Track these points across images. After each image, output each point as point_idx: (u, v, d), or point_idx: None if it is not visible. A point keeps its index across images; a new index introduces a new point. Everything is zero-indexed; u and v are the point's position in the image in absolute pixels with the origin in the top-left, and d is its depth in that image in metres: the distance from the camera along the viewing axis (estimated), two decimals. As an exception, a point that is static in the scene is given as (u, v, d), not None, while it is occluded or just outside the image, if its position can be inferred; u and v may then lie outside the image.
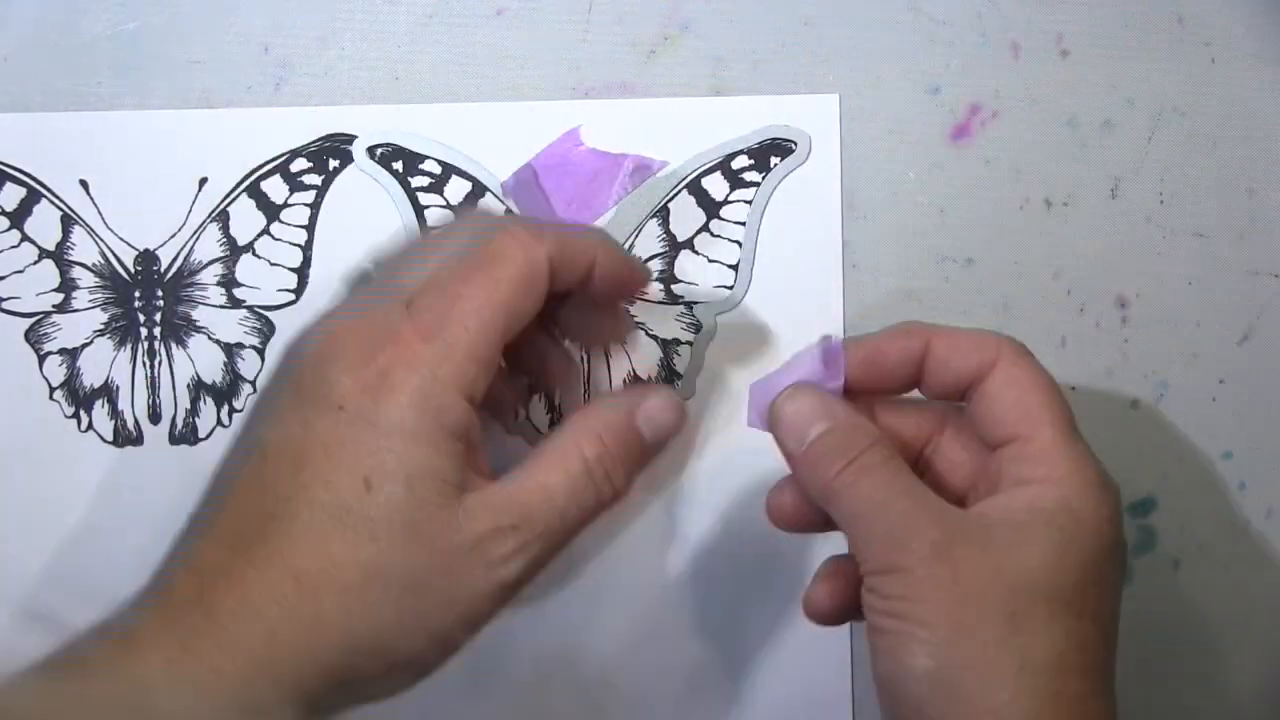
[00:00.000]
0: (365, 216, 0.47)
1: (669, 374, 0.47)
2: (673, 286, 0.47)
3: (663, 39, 0.47)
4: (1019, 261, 0.47)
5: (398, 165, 0.47)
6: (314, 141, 0.47)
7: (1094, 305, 0.47)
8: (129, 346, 0.47)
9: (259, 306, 0.47)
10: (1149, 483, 0.48)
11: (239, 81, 0.46)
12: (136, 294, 0.47)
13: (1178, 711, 0.48)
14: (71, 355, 0.47)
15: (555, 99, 0.47)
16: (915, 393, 0.41)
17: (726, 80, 0.47)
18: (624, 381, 0.47)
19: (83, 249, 0.47)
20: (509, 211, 0.47)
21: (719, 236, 0.47)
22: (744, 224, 0.47)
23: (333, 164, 0.47)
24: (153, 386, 0.47)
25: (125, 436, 0.47)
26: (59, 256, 0.47)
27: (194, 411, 0.47)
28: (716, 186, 0.47)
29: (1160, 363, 0.48)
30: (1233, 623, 0.48)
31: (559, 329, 0.44)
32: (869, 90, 0.47)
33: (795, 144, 0.47)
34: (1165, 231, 0.47)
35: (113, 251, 0.47)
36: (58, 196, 0.47)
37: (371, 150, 0.47)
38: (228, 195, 0.47)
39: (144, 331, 0.47)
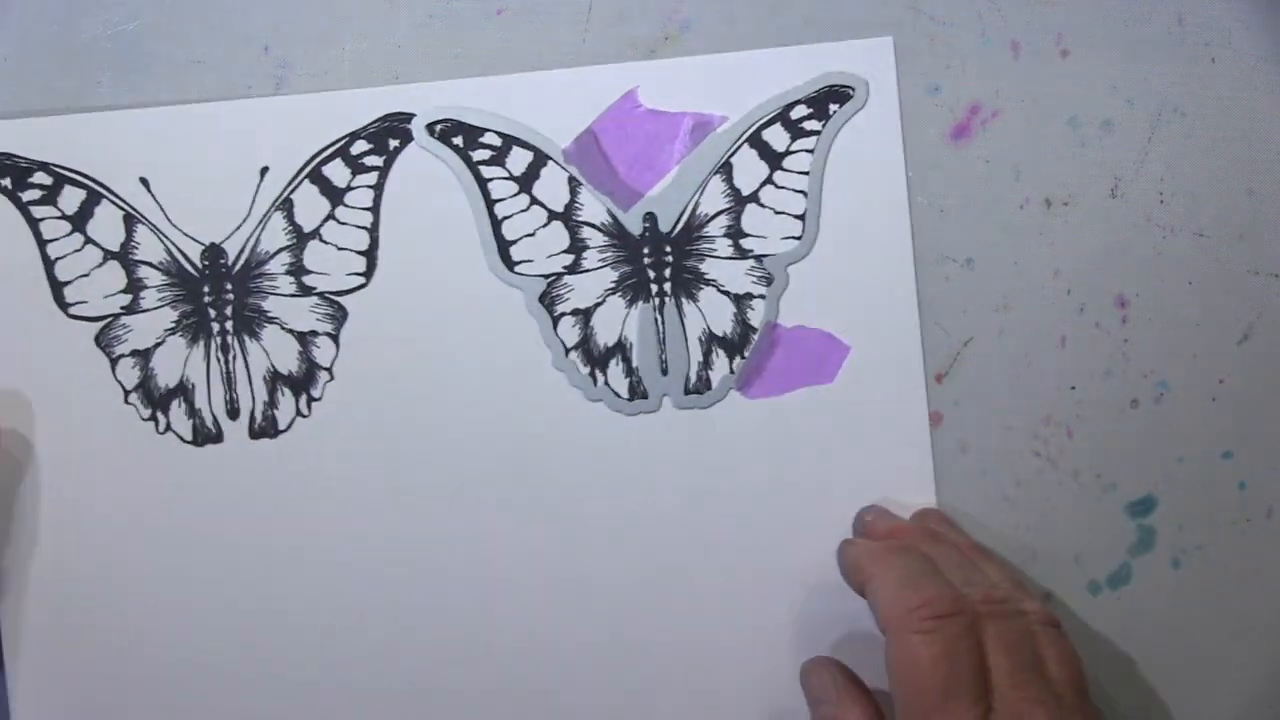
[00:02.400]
0: (429, 194, 0.46)
1: (744, 329, 0.47)
2: (741, 241, 0.47)
3: (663, 39, 0.47)
4: (1019, 261, 0.47)
5: (458, 140, 0.47)
6: (373, 122, 0.47)
7: (1094, 305, 0.47)
8: (201, 343, 0.46)
9: (330, 292, 0.47)
10: (1149, 483, 0.48)
11: (239, 81, 0.47)
12: (206, 289, 0.46)
13: (1177, 711, 0.48)
14: (144, 356, 0.46)
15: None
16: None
17: (726, 80, 0.47)
18: (699, 340, 0.47)
19: (148, 248, 0.46)
20: (571, 178, 0.46)
21: (783, 188, 0.47)
22: (808, 173, 0.47)
23: (393, 143, 0.47)
24: (228, 381, 0.46)
25: (205, 435, 0.46)
26: (124, 257, 0.46)
27: (272, 404, 0.46)
28: (777, 138, 0.47)
29: (1160, 363, 0.47)
30: (1233, 623, 0.48)
31: None
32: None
33: (853, 89, 0.47)
34: (1165, 231, 0.47)
35: (178, 248, 0.46)
36: (118, 196, 0.46)
37: (431, 127, 0.47)
38: (290, 183, 0.46)
39: (215, 326, 0.46)
